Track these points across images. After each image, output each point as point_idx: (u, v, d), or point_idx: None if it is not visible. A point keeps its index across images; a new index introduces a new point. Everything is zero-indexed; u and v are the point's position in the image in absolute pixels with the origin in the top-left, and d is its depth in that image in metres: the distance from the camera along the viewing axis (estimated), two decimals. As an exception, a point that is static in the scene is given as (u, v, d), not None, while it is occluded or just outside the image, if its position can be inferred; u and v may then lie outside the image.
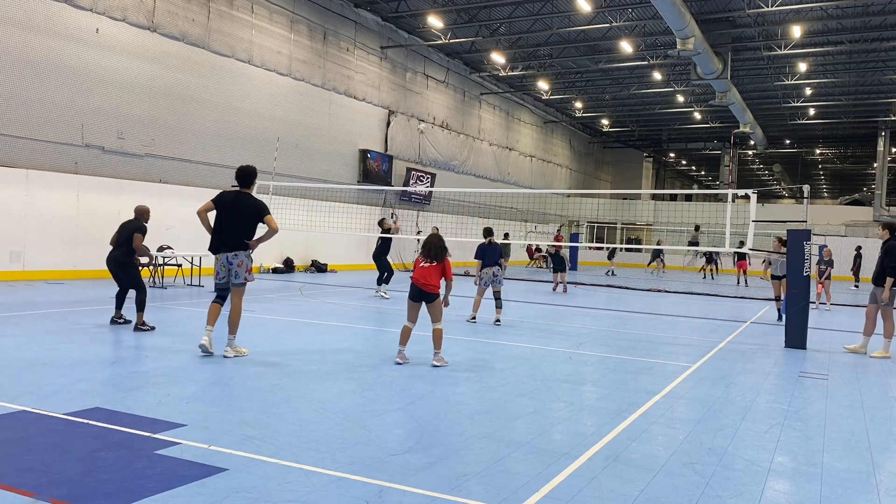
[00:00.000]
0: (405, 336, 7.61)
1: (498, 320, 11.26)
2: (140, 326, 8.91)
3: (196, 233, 17.57)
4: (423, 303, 7.55)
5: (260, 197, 15.59)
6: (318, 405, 5.57)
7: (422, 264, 7.63)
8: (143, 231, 9.26)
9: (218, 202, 7.61)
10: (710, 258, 30.17)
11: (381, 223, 16.10)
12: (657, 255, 31.81)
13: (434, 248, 7.66)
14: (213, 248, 7.55)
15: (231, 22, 19.76)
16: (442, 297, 7.71)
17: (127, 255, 9.14)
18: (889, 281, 9.40)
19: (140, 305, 8.97)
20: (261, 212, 7.57)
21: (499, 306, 11.42)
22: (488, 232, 11.84)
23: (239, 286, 7.54)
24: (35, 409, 5.06)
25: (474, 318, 11.47)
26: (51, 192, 15.50)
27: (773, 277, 13.50)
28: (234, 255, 7.45)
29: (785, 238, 12.41)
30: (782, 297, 12.75)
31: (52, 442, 4.37)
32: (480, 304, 11.75)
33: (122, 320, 9.33)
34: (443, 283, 7.72)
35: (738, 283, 26.65)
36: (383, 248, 15.46)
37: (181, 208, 18.07)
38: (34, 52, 15.09)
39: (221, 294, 7.66)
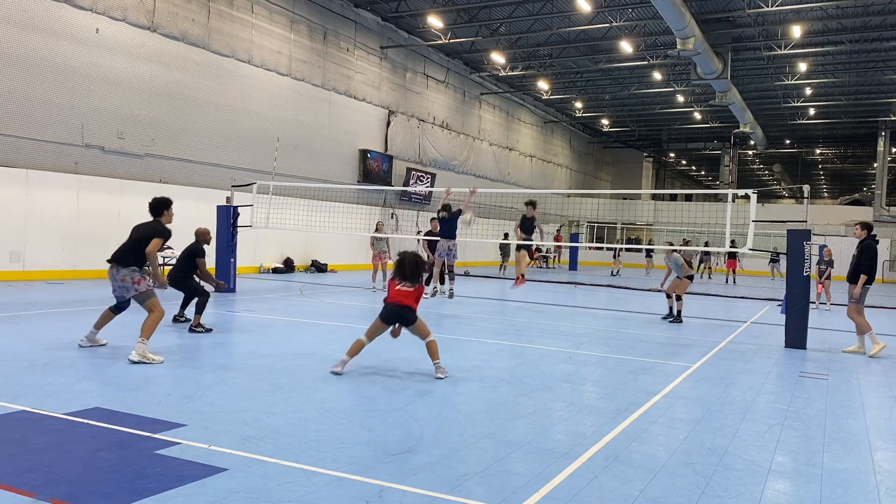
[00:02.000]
0: (356, 349, 6.90)
1: (452, 291, 11.50)
2: (195, 328, 9.06)
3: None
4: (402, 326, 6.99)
5: (260, 197, 15.67)
6: (318, 405, 5.57)
7: (398, 286, 6.89)
8: (203, 254, 9.66)
9: None
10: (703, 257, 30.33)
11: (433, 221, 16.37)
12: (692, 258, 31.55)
13: (411, 269, 6.87)
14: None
15: (231, 22, 19.76)
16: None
17: (184, 274, 9.56)
18: (862, 278, 9.47)
19: (199, 308, 9.17)
20: (149, 235, 7.47)
21: (451, 278, 11.73)
22: (446, 207, 12.18)
23: (140, 299, 7.32)
24: (35, 409, 5.06)
25: (434, 293, 11.67)
26: (51, 192, 15.50)
27: (677, 277, 13.12)
28: (118, 271, 7.39)
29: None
30: (672, 296, 12.93)
31: (52, 442, 4.37)
32: (441, 278, 12.06)
33: (183, 319, 9.69)
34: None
35: (728, 281, 27.02)
36: (429, 248, 15.76)
37: (181, 209, 18.02)
38: (34, 52, 15.09)
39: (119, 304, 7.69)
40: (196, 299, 9.33)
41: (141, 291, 7.28)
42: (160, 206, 7.81)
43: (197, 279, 9.62)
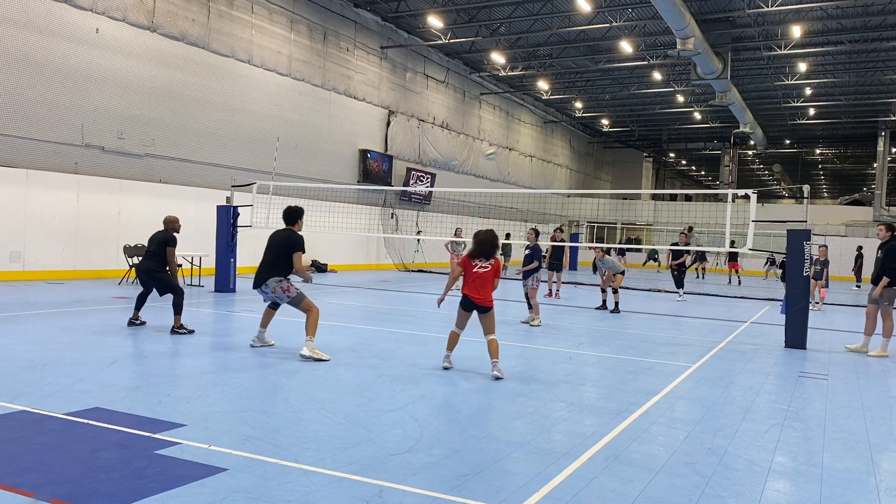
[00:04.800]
0: (453, 342, 7.25)
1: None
2: (177, 329, 8.81)
3: (195, 232, 17.68)
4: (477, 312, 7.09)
5: (260, 197, 15.64)
6: (318, 405, 5.57)
7: (474, 268, 7.01)
8: (174, 243, 9.25)
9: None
10: (702, 257, 30.05)
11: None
12: (702, 257, 31.19)
13: (482, 245, 7.02)
14: (253, 285, 7.97)
15: (231, 22, 19.76)
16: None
17: (159, 265, 9.09)
18: (885, 280, 9.43)
19: (177, 308, 8.90)
20: (292, 246, 7.75)
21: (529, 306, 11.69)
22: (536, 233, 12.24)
23: (295, 302, 7.74)
24: (35, 409, 5.06)
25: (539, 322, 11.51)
26: (51, 192, 15.50)
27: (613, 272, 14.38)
28: (265, 286, 7.76)
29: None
30: (607, 290, 14.32)
31: (52, 442, 4.37)
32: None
33: (139, 322, 9.31)
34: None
35: (730, 281, 26.92)
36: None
37: (181, 208, 18.05)
38: (34, 52, 15.10)
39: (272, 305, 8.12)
40: (172, 298, 8.92)
41: (293, 297, 7.71)
42: (295, 216, 8.02)
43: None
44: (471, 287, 6.99)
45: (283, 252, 7.74)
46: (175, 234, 9.32)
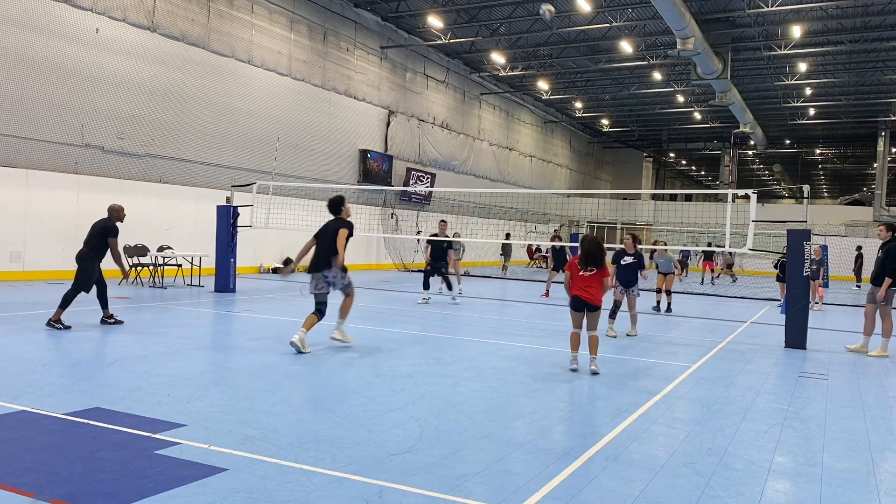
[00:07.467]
0: (576, 342, 7.64)
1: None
2: (53, 322, 8.70)
3: (196, 233, 17.68)
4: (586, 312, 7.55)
5: (260, 197, 15.64)
6: (318, 405, 5.57)
7: (581, 273, 7.48)
8: (115, 233, 9.17)
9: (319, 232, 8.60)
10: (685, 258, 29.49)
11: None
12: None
13: (590, 254, 7.47)
14: (310, 269, 8.41)
15: (231, 22, 19.76)
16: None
17: (93, 254, 9.05)
18: (887, 281, 9.42)
19: (64, 301, 8.79)
20: (336, 231, 8.30)
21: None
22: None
23: (345, 288, 8.44)
24: (35, 409, 5.06)
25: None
26: (51, 192, 15.50)
27: (659, 272, 14.69)
28: (329, 270, 8.25)
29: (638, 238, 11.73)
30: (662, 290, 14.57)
31: (52, 442, 4.37)
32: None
33: (112, 320, 9.29)
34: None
35: (703, 281, 26.24)
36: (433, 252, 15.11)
37: (181, 208, 18.09)
38: (34, 52, 15.10)
39: (319, 308, 8.27)
40: (68, 290, 8.82)
41: (346, 283, 8.42)
42: (338, 204, 8.58)
43: (89, 267, 8.99)
44: (578, 288, 7.49)
45: (336, 236, 8.30)
46: (118, 222, 9.29)
